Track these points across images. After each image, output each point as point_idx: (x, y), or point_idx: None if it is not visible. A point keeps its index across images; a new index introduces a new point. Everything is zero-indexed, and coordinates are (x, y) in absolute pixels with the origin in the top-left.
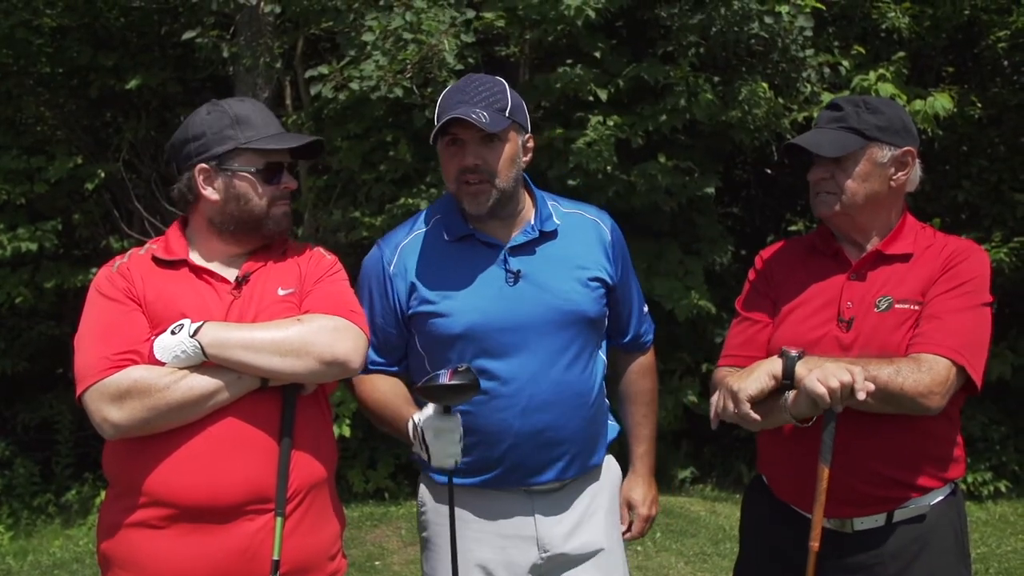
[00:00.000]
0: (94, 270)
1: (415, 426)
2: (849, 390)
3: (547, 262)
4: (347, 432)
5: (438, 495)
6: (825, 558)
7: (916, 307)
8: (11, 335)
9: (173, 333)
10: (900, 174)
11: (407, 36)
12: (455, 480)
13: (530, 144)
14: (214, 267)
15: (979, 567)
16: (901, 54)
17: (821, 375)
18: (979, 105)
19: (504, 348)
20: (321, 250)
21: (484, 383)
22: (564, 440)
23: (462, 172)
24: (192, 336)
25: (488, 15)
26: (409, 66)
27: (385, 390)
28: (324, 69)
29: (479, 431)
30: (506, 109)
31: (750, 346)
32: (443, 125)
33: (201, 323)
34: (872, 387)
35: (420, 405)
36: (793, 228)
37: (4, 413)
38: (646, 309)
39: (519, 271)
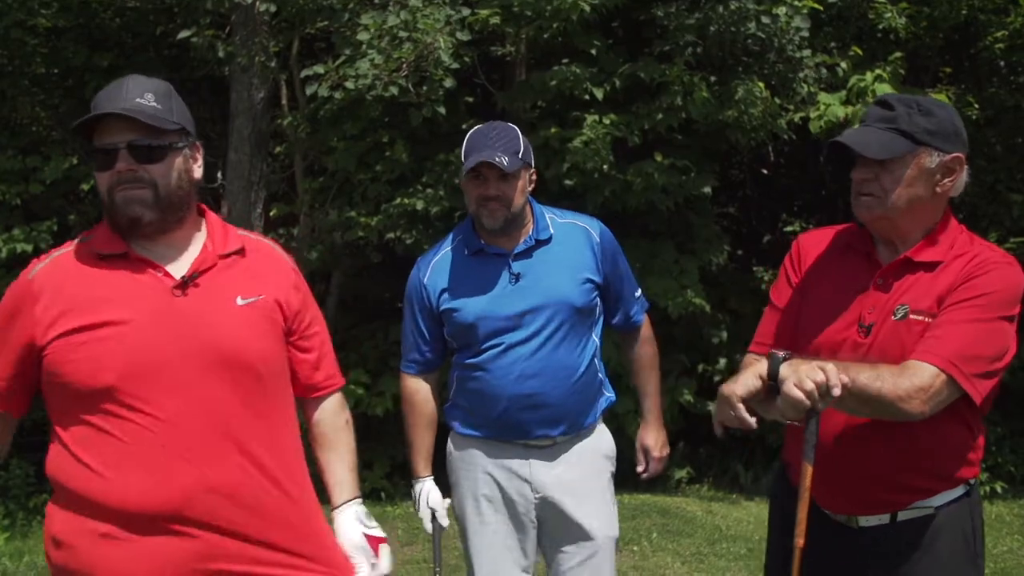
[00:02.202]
0: None
1: (425, 494)
2: (825, 388)
3: (542, 264)
4: None
5: (460, 446)
6: (834, 548)
7: (929, 319)
8: None
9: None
10: (947, 180)
11: (402, 35)
12: (470, 432)
13: (534, 177)
14: (156, 258)
15: None
16: (898, 54)
17: (796, 379)
18: (976, 106)
19: (504, 330)
20: (280, 252)
21: (487, 356)
22: (550, 404)
23: (483, 199)
24: None
25: (483, 12)
26: (404, 65)
27: (418, 402)
28: (319, 68)
29: (482, 393)
30: (519, 152)
31: (777, 336)
32: (472, 165)
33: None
34: (846, 380)
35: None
36: (789, 229)
37: None
38: (638, 293)
39: (519, 273)
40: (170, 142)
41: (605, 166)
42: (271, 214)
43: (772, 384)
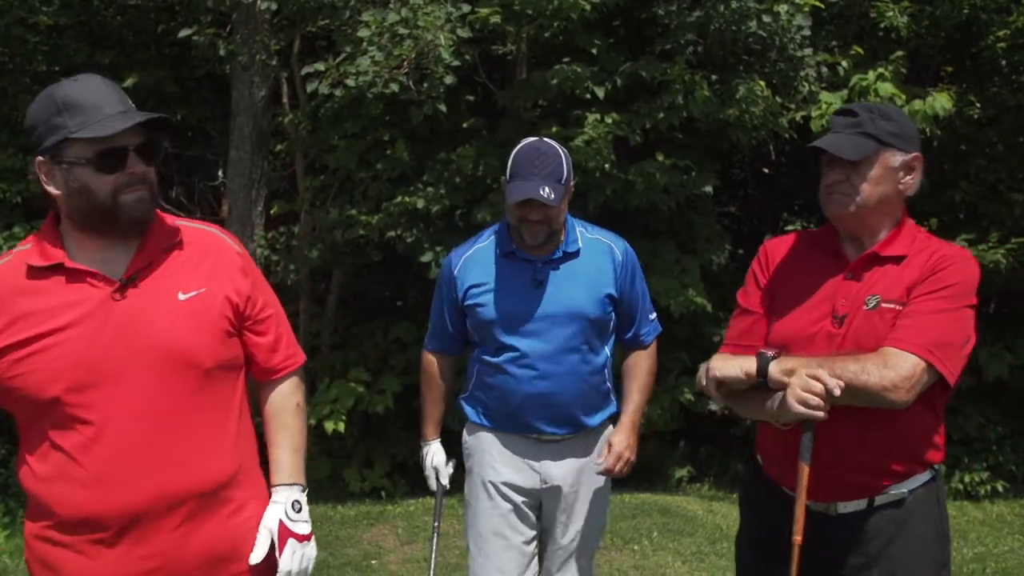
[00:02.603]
0: None
1: (431, 456)
2: (826, 394)
3: (566, 275)
4: (342, 429)
5: (474, 435)
6: (811, 538)
7: (900, 307)
8: None
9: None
10: (908, 178)
11: (403, 32)
12: (484, 423)
13: (571, 191)
14: (96, 267)
15: (976, 567)
16: (900, 53)
17: (799, 396)
18: (978, 105)
19: (523, 332)
20: (217, 233)
21: (506, 355)
22: (560, 404)
23: (525, 220)
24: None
25: (484, 11)
26: (405, 62)
27: (434, 376)
28: (320, 66)
29: (499, 389)
30: (563, 178)
31: (748, 336)
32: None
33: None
34: (840, 382)
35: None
36: (790, 228)
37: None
38: (653, 316)
39: (543, 280)
40: (157, 143)
41: (607, 165)
42: (272, 212)
43: (760, 381)
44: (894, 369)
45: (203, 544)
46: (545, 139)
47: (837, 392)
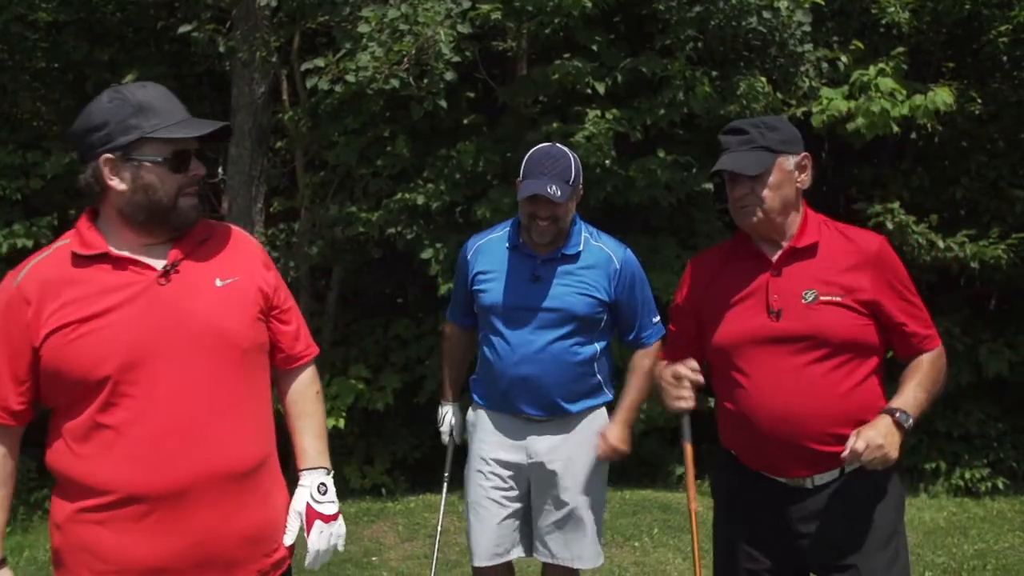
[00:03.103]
0: None
1: (444, 414)
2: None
3: (562, 275)
4: (343, 425)
5: (474, 413)
6: (794, 511)
7: (839, 297)
8: None
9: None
10: (803, 176)
11: (403, 27)
12: (481, 403)
13: (580, 194)
14: (136, 256)
15: (977, 563)
16: (900, 49)
17: (671, 396)
18: (979, 101)
19: (515, 321)
20: (243, 233)
21: (498, 340)
22: (542, 387)
23: (535, 217)
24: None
25: (485, 7)
26: (405, 58)
27: (452, 344)
28: (320, 62)
29: (491, 371)
30: (570, 180)
31: (676, 349)
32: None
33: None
34: (697, 368)
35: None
36: None
37: None
38: (656, 319)
39: (539, 276)
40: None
41: (607, 161)
42: (272, 209)
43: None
44: (943, 365)
45: (243, 525)
46: (557, 144)
47: (698, 378)
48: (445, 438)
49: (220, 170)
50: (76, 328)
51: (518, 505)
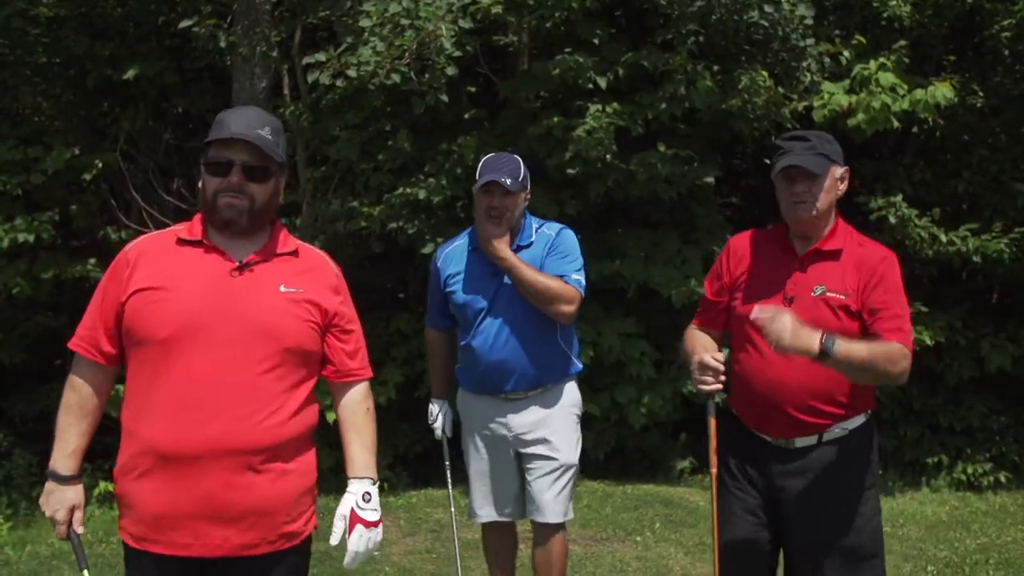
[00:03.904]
0: (92, 261)
1: (435, 411)
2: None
3: None
4: None
5: (462, 398)
6: (775, 467)
7: (843, 297)
8: (8, 326)
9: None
10: (843, 186)
11: (404, 22)
12: (467, 388)
13: (528, 196)
14: (226, 248)
15: (979, 557)
16: (902, 43)
17: (696, 381)
18: (980, 95)
19: (484, 312)
20: (329, 260)
21: (472, 332)
22: (515, 367)
23: (489, 208)
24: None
25: (486, 1)
26: (406, 53)
27: (434, 348)
28: (321, 56)
29: (470, 359)
30: (520, 178)
31: (707, 318)
32: (484, 183)
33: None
34: (722, 358)
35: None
36: None
37: (2, 404)
38: (579, 278)
39: (499, 270)
40: (272, 169)
41: (608, 155)
42: None
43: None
44: (907, 358)
45: (247, 496)
46: (507, 153)
47: (721, 368)
48: (438, 433)
49: None
50: (153, 292)
51: (513, 474)
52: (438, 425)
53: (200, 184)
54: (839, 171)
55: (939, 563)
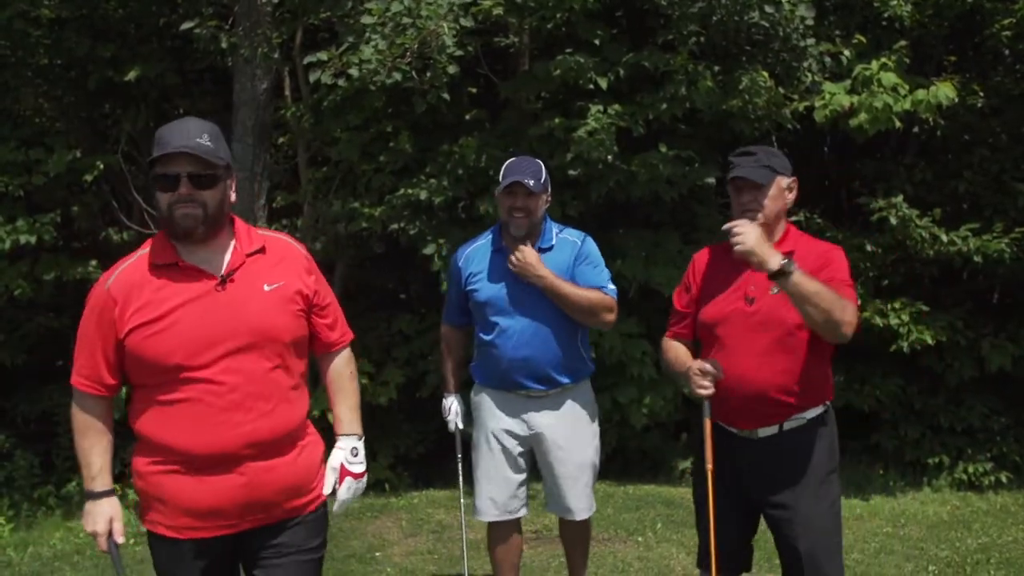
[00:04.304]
0: (94, 262)
1: (449, 405)
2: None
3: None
4: None
5: (478, 394)
6: (741, 456)
7: None
8: (10, 327)
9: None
10: (790, 195)
11: (406, 21)
12: (484, 384)
13: (549, 199)
14: (202, 266)
15: (980, 557)
16: (903, 43)
17: (695, 385)
18: (981, 94)
19: (508, 310)
20: (293, 243)
21: (494, 330)
22: (538, 365)
23: (512, 209)
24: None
25: (487, 2)
26: (408, 51)
27: (449, 345)
28: (323, 55)
29: (491, 356)
30: (541, 179)
31: (679, 327)
32: (507, 184)
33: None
34: (721, 368)
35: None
36: (793, 218)
37: (4, 405)
38: (611, 287)
39: None
40: (218, 174)
41: (609, 156)
42: (274, 204)
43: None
44: (855, 314)
45: (279, 477)
46: (529, 157)
47: (722, 376)
48: (451, 426)
49: None
50: (151, 326)
51: (521, 471)
52: (451, 419)
53: (155, 202)
54: (785, 181)
55: (940, 563)
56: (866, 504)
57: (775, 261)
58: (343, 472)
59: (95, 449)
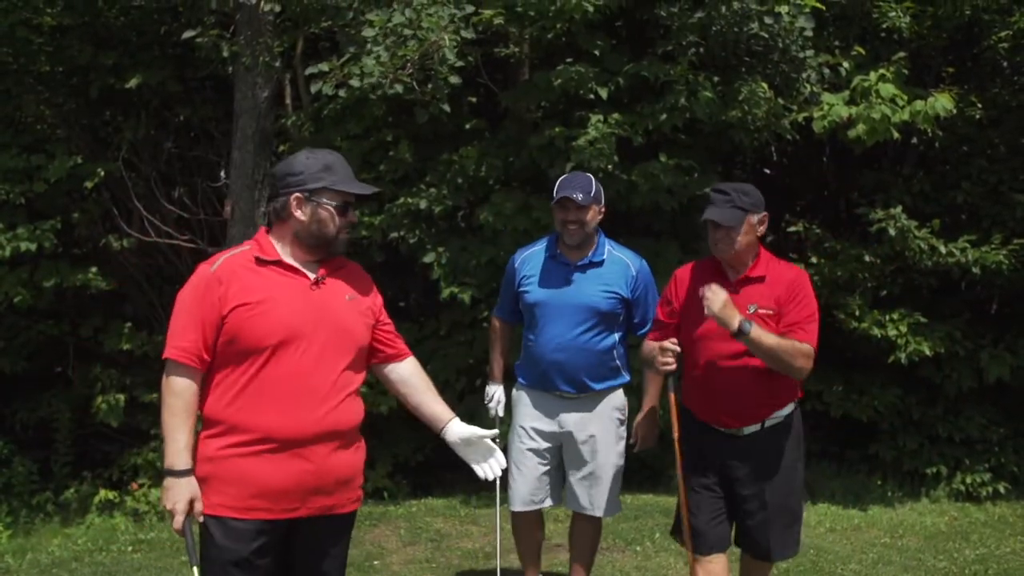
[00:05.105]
0: (94, 269)
1: (492, 392)
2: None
3: (589, 277)
4: None
5: (517, 391)
6: (728, 452)
7: (770, 312)
8: (10, 334)
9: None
10: (762, 228)
11: (407, 32)
12: (524, 382)
13: (603, 211)
14: (299, 266)
15: (978, 568)
16: (901, 54)
17: (660, 363)
18: (979, 106)
19: (552, 315)
20: (361, 268)
21: (538, 331)
22: (572, 370)
23: (564, 222)
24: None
25: (487, 12)
26: (409, 63)
27: (498, 336)
28: (324, 66)
29: (532, 356)
30: (591, 193)
31: (664, 333)
32: (558, 199)
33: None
34: (677, 343)
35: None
36: (792, 229)
37: (3, 412)
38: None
39: (572, 279)
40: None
41: (610, 165)
42: None
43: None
44: (808, 358)
45: (341, 467)
46: (581, 172)
47: (677, 349)
48: (492, 412)
49: (223, 174)
50: (254, 307)
51: (550, 465)
52: (493, 405)
53: (304, 217)
54: (755, 218)
55: (938, 573)
56: (864, 514)
57: (735, 323)
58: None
59: (182, 428)
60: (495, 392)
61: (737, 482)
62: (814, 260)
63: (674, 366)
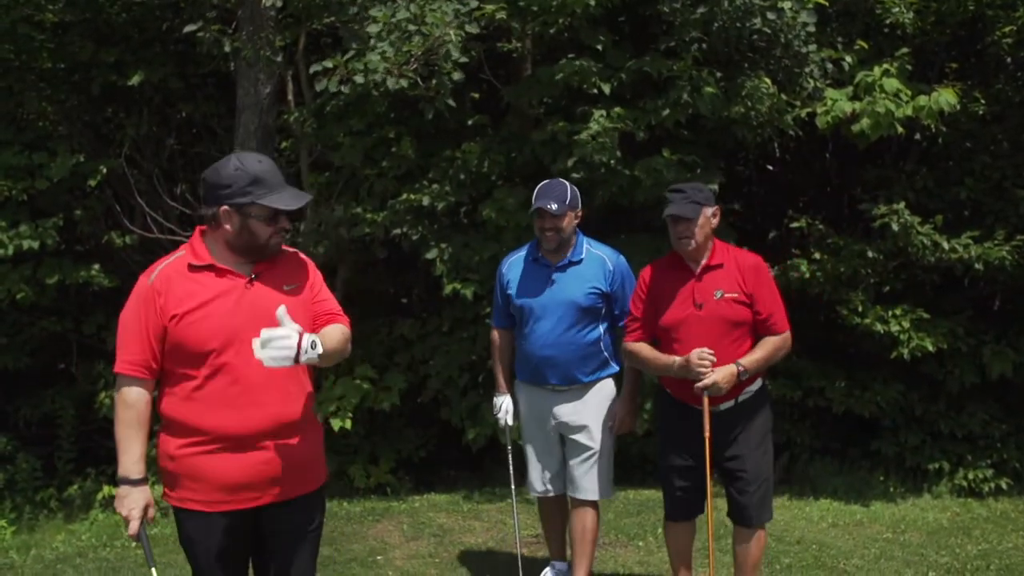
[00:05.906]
0: (96, 266)
1: (500, 403)
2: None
3: (569, 276)
4: (348, 426)
5: (519, 387)
6: (702, 425)
7: (735, 295)
8: (13, 331)
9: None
10: (715, 220)
11: (411, 28)
12: (522, 378)
13: (579, 215)
14: (233, 267)
15: (980, 563)
16: (905, 50)
17: (708, 381)
18: (983, 101)
19: (539, 314)
20: (301, 254)
21: (527, 331)
22: (561, 364)
23: (541, 229)
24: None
25: (490, 8)
26: (413, 59)
27: (499, 346)
28: (329, 63)
29: (525, 354)
30: (566, 201)
31: (637, 330)
32: (535, 209)
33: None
34: (714, 352)
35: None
36: (795, 225)
37: (6, 408)
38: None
39: (554, 280)
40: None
41: (612, 161)
42: None
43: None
44: (788, 341)
45: (296, 455)
46: (559, 179)
47: (714, 359)
48: (501, 422)
49: None
50: (192, 313)
51: (556, 453)
52: (501, 416)
53: (232, 229)
54: (710, 211)
55: (940, 569)
56: (866, 510)
57: (735, 377)
58: (299, 337)
59: (135, 438)
60: (503, 402)
61: (716, 454)
62: (817, 256)
63: (710, 373)
